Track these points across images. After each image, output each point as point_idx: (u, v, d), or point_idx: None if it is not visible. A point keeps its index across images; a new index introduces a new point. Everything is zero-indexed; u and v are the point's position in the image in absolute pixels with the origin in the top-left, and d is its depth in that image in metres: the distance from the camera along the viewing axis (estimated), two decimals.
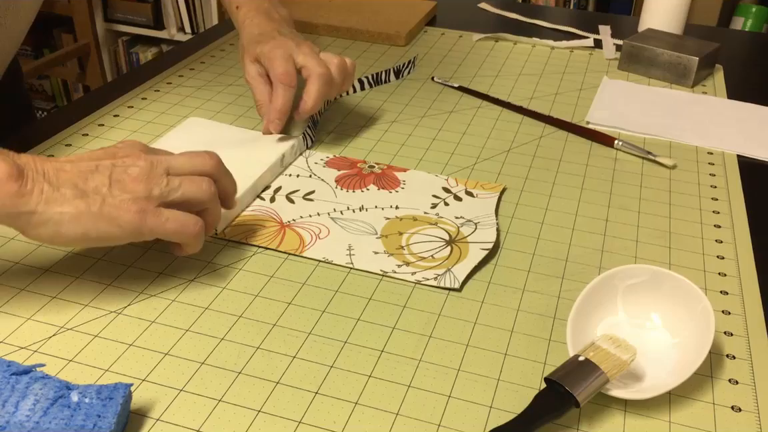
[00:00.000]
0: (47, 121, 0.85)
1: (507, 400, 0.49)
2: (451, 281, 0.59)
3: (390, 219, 0.66)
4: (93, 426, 0.42)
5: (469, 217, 0.67)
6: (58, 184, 0.50)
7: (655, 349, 0.52)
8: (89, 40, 2.31)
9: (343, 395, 0.49)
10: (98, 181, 0.52)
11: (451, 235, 0.64)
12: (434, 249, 0.63)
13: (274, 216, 0.66)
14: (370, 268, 0.60)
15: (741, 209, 0.71)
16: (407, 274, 0.60)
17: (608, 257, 0.63)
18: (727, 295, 0.60)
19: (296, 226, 0.65)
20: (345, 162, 0.76)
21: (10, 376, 0.44)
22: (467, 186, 0.72)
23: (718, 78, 1.02)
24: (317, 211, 0.67)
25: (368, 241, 0.63)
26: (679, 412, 0.49)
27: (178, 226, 0.54)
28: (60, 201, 0.50)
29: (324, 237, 0.63)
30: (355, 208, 0.68)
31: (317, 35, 1.11)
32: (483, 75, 0.99)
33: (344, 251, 0.62)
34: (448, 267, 0.60)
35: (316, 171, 0.74)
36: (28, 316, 0.54)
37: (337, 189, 0.71)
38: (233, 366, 0.51)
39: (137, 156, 0.53)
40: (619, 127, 0.86)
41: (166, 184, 0.53)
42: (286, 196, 0.69)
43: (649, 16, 1.12)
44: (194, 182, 0.55)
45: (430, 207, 0.68)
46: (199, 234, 0.55)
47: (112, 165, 0.52)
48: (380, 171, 0.74)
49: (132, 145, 0.55)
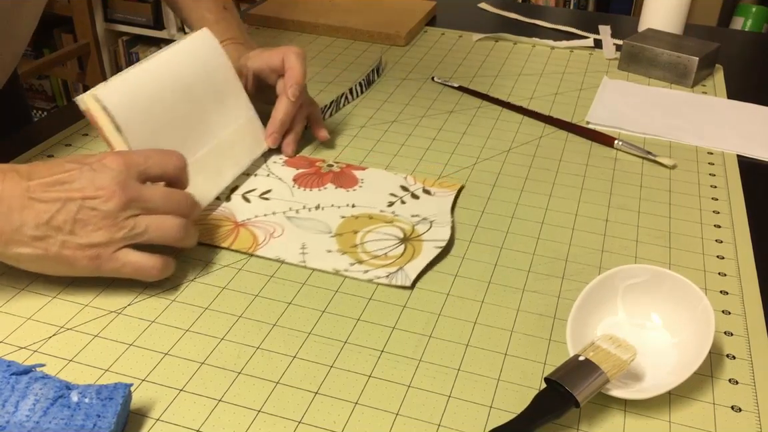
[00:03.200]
0: (47, 121, 0.85)
1: (507, 400, 0.49)
2: (403, 279, 0.59)
3: (346, 218, 0.66)
4: (93, 426, 0.42)
5: (424, 215, 0.67)
6: (20, 223, 0.51)
7: (655, 349, 0.52)
8: (89, 40, 2.31)
9: (343, 395, 0.49)
10: (62, 219, 0.51)
11: (406, 234, 0.64)
12: (388, 247, 0.63)
13: (228, 215, 0.66)
14: (323, 266, 0.60)
15: (741, 209, 0.71)
16: (359, 272, 0.59)
17: (608, 257, 0.63)
18: (727, 295, 0.60)
19: (251, 225, 0.65)
20: (303, 161, 0.76)
21: (10, 376, 0.44)
22: (425, 184, 0.72)
23: (718, 78, 1.02)
24: (273, 210, 0.67)
25: (321, 240, 0.63)
26: (679, 412, 0.49)
27: (134, 271, 0.54)
28: (18, 243, 0.51)
29: (278, 236, 0.63)
30: (311, 207, 0.67)
31: (317, 35, 1.11)
32: (483, 75, 0.99)
33: (297, 250, 0.62)
34: (401, 265, 0.60)
35: (273, 170, 0.74)
36: (28, 316, 0.54)
37: (294, 188, 0.70)
38: (233, 366, 0.51)
39: (111, 193, 0.52)
40: (619, 127, 0.86)
41: (132, 228, 0.53)
42: (242, 195, 0.69)
43: (649, 16, 1.12)
44: (163, 226, 0.54)
45: (386, 205, 0.68)
46: (158, 275, 0.55)
47: (80, 203, 0.51)
48: (339, 170, 0.74)
49: (113, 173, 0.53)
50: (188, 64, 0.69)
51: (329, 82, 0.95)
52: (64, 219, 0.51)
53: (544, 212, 0.69)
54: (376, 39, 1.09)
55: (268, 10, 1.15)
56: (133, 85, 0.63)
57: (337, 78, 0.97)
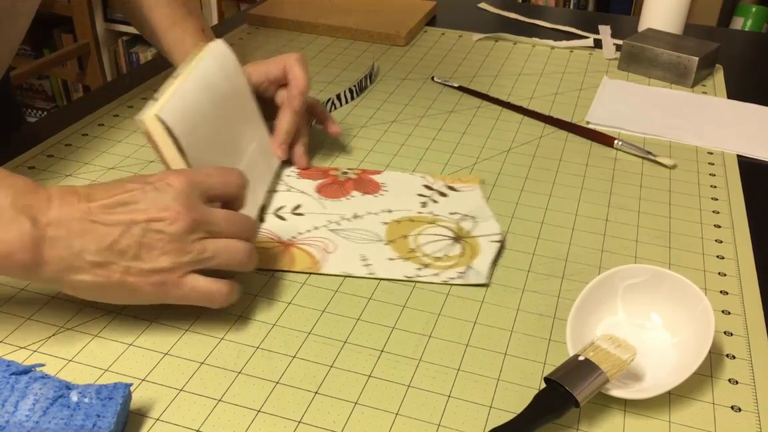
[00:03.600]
0: (47, 121, 0.85)
1: (507, 400, 0.49)
2: (476, 278, 0.59)
3: (388, 223, 0.66)
4: (93, 426, 0.42)
5: (463, 212, 0.67)
6: (81, 248, 0.47)
7: (655, 349, 0.52)
8: (89, 40, 2.31)
9: (342, 395, 0.49)
10: (125, 243, 0.48)
11: (455, 232, 0.64)
12: (445, 248, 0.62)
13: (271, 236, 0.64)
14: (392, 275, 0.59)
15: (741, 209, 0.71)
16: (430, 276, 0.59)
17: (608, 257, 0.63)
18: (727, 295, 0.60)
19: (300, 243, 0.63)
20: (317, 171, 0.74)
21: (10, 376, 0.44)
22: (445, 181, 0.72)
23: (718, 78, 1.02)
24: (313, 225, 0.65)
25: (378, 249, 0.62)
26: (679, 412, 0.49)
27: (200, 298, 0.51)
28: (78, 269, 0.47)
29: (333, 251, 0.62)
30: (350, 217, 0.66)
31: (317, 35, 1.11)
32: (483, 75, 0.99)
33: (359, 262, 0.61)
34: (468, 264, 0.60)
35: (291, 183, 0.72)
36: (28, 316, 0.54)
37: (322, 200, 0.69)
38: (233, 366, 0.51)
39: (176, 214, 0.49)
40: (619, 127, 0.86)
41: (199, 252, 0.50)
42: (274, 214, 0.67)
43: (649, 16, 1.12)
44: (230, 251, 0.51)
45: (420, 206, 0.68)
46: (225, 302, 0.52)
47: (145, 225, 0.48)
48: (356, 176, 0.73)
49: (177, 193, 0.49)
50: (219, 76, 0.67)
51: (329, 82, 0.95)
52: (128, 243, 0.48)
53: (544, 212, 0.69)
54: (376, 39, 1.09)
55: (267, 10, 1.15)
56: (188, 102, 0.60)
57: (336, 78, 0.96)
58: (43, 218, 0.47)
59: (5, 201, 0.47)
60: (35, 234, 0.46)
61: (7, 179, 0.48)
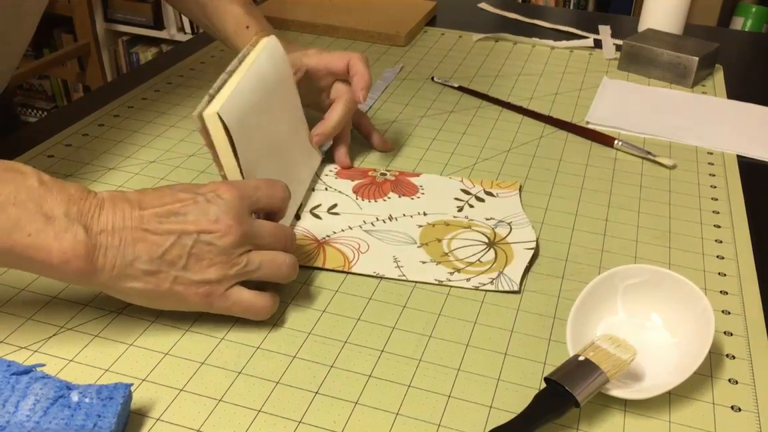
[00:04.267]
0: (47, 121, 0.85)
1: (507, 399, 0.49)
2: (509, 284, 0.59)
3: (423, 226, 0.66)
4: (93, 426, 0.42)
5: (499, 218, 0.67)
6: (133, 257, 0.48)
7: (655, 349, 0.52)
8: (89, 40, 2.31)
9: (343, 395, 0.49)
10: (176, 254, 0.49)
11: (489, 238, 0.64)
12: (478, 253, 0.62)
13: (306, 234, 0.64)
14: (423, 278, 0.59)
15: (741, 209, 0.71)
16: (462, 281, 0.59)
17: (608, 257, 0.63)
18: (727, 295, 0.60)
19: (333, 242, 0.63)
20: (356, 172, 0.75)
21: (11, 376, 0.44)
22: (483, 186, 0.72)
23: (717, 78, 1.02)
24: (348, 224, 0.65)
25: (410, 251, 0.62)
26: (679, 411, 0.49)
27: (244, 310, 0.52)
28: (130, 277, 0.48)
29: (365, 251, 0.62)
30: (385, 219, 0.67)
31: (317, 35, 1.11)
32: (483, 75, 0.99)
33: (391, 264, 0.61)
34: (500, 270, 0.60)
35: (329, 183, 0.72)
36: (28, 316, 0.54)
37: (359, 200, 0.69)
38: (233, 366, 0.51)
39: (227, 228, 0.50)
40: (619, 127, 0.86)
41: (245, 264, 0.51)
42: (311, 212, 0.67)
43: (649, 16, 1.12)
44: (274, 264, 0.52)
45: (456, 210, 0.68)
46: (267, 315, 0.53)
47: (195, 237, 0.49)
48: (393, 178, 0.73)
49: (228, 206, 0.50)
50: (273, 76, 0.66)
51: None
52: (179, 254, 0.49)
53: (544, 212, 0.69)
54: (376, 39, 1.09)
55: (268, 10, 1.15)
56: (245, 102, 0.60)
57: None
58: (96, 226, 0.47)
59: (59, 210, 0.47)
60: (89, 242, 0.47)
61: (59, 187, 0.48)
